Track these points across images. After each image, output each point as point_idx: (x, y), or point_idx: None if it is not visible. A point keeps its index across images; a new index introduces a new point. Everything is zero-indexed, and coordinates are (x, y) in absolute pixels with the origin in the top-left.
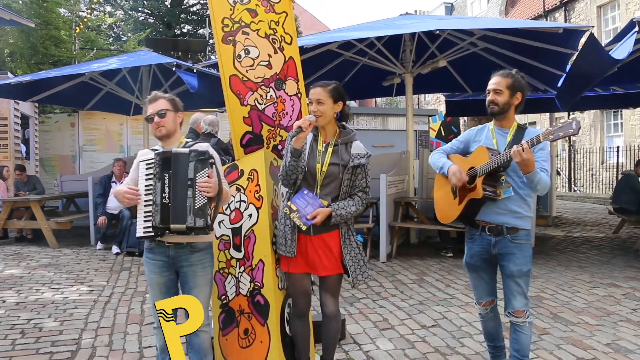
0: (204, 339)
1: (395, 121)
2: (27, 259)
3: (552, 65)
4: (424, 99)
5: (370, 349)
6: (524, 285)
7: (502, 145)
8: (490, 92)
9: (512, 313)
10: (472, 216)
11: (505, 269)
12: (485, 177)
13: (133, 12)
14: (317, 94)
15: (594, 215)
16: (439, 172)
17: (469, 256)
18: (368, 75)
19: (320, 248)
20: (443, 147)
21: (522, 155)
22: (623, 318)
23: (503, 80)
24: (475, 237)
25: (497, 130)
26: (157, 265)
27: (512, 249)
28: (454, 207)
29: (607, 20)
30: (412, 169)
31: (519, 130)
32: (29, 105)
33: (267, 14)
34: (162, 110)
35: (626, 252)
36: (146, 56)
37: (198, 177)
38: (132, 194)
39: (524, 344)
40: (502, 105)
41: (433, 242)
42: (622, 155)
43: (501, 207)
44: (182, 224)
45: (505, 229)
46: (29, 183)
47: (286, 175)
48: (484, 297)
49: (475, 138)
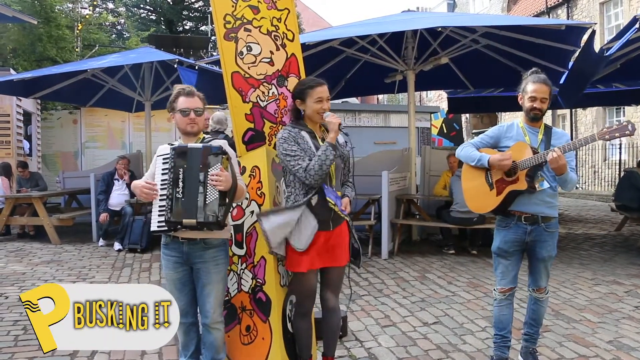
0: (217, 337)
1: (397, 118)
2: (30, 256)
3: (555, 62)
4: (426, 96)
5: (372, 345)
6: (549, 267)
7: (534, 142)
8: (536, 100)
9: (537, 290)
10: (507, 206)
11: (538, 254)
12: (527, 171)
13: (135, 9)
14: (327, 92)
15: (596, 213)
16: (474, 164)
17: (502, 242)
18: (370, 72)
19: (339, 239)
20: (472, 141)
21: (559, 162)
22: (625, 315)
23: (547, 88)
24: (511, 225)
25: (528, 128)
26: (172, 261)
27: (545, 237)
28: (491, 199)
29: (610, 17)
30: (414, 166)
31: (547, 129)
32: (31, 102)
33: (269, 11)
34: (200, 108)
35: (628, 249)
36: (148, 53)
37: (210, 171)
38: (149, 189)
39: (541, 314)
40: (544, 112)
41: (435, 239)
42: (625, 152)
43: (537, 198)
44: (192, 219)
45: (540, 218)
46: (32, 180)
47: (324, 173)
48: (507, 284)
49: (506, 134)
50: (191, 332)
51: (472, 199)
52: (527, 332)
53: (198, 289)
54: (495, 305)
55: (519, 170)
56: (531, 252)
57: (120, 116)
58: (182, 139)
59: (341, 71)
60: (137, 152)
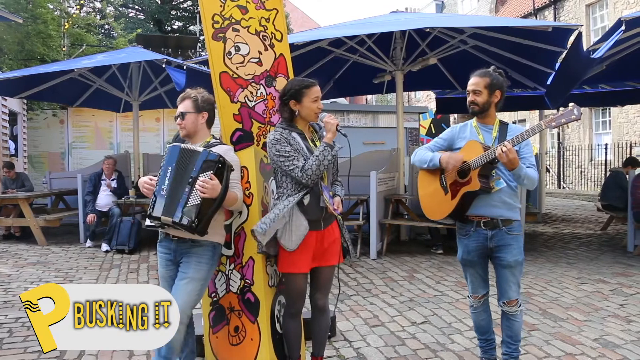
0: (175, 337)
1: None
2: (15, 257)
3: (542, 63)
4: (415, 96)
5: (361, 345)
6: (518, 275)
7: (488, 141)
8: (469, 93)
9: (507, 303)
10: (464, 211)
11: (502, 260)
12: (479, 170)
13: (123, 8)
14: (320, 91)
15: (582, 212)
16: (427, 165)
17: (465, 252)
18: (359, 72)
19: (331, 239)
20: (426, 145)
21: (509, 156)
22: (611, 313)
23: (481, 80)
24: (470, 233)
25: (481, 127)
26: (163, 258)
27: (508, 241)
28: (446, 203)
29: (596, 19)
30: (402, 166)
31: (502, 126)
32: (16, 101)
33: (257, 11)
34: (184, 112)
35: (614, 248)
36: (136, 52)
37: (200, 177)
38: (150, 185)
39: (516, 330)
40: (482, 104)
41: (423, 239)
42: (610, 152)
43: (495, 199)
44: (169, 217)
45: (500, 222)
46: (18, 180)
47: (321, 172)
48: (479, 291)
49: (460, 135)
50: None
51: (428, 206)
52: (506, 352)
53: (175, 282)
54: (472, 312)
55: (471, 170)
56: (495, 260)
57: (107, 116)
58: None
59: (330, 71)
60: (124, 153)
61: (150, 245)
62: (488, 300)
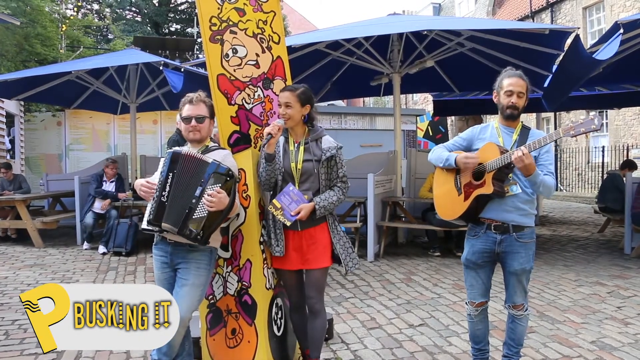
0: (175, 338)
1: (383, 121)
2: (12, 259)
3: (539, 66)
4: (412, 98)
5: (358, 348)
6: (525, 282)
7: (508, 144)
8: (513, 94)
9: (512, 306)
10: (477, 213)
11: (509, 267)
12: (495, 174)
13: (121, 10)
14: (285, 98)
15: (579, 215)
16: (443, 165)
17: (470, 253)
18: (356, 74)
19: (311, 242)
20: (444, 144)
21: (524, 161)
22: (608, 316)
23: (524, 83)
24: (480, 235)
25: (503, 129)
26: (159, 260)
27: (517, 248)
28: (459, 204)
29: (593, 22)
30: (399, 169)
31: (524, 130)
32: (14, 103)
33: (255, 13)
34: (202, 115)
35: (611, 250)
36: (133, 55)
37: (207, 189)
38: (147, 188)
39: (520, 334)
40: (521, 109)
41: (421, 241)
42: (608, 155)
43: (508, 204)
44: (173, 226)
45: (511, 227)
46: (15, 182)
47: (265, 180)
48: (477, 298)
49: (479, 136)
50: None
51: (441, 205)
52: (506, 354)
53: (175, 288)
54: (469, 321)
55: (486, 172)
56: (502, 264)
57: (105, 118)
58: (191, 145)
59: (327, 74)
60: (122, 155)
61: (147, 248)
62: (487, 310)
